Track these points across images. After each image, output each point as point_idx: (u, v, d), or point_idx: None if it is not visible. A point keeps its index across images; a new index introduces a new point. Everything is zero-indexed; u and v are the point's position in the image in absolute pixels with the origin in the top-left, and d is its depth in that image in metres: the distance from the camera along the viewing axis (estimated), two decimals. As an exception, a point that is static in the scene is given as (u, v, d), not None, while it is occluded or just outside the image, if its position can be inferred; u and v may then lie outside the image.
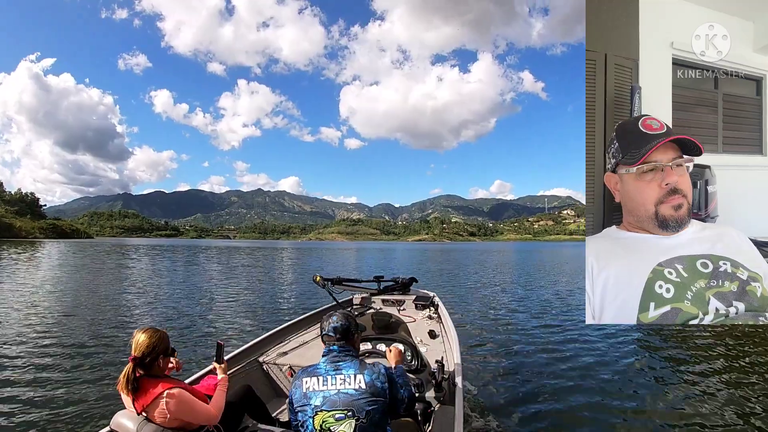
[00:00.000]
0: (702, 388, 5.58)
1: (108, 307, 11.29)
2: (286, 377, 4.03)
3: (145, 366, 2.25)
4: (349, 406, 2.11)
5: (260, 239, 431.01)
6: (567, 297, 14.51)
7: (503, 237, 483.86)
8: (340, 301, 5.98)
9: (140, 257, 37.31)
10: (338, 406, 2.11)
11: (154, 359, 2.26)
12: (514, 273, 25.41)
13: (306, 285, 16.92)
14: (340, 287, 6.10)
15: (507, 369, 6.47)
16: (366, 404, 2.12)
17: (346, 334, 2.34)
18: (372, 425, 2.13)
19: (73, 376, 5.81)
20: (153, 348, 2.25)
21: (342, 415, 2.10)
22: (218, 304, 12.21)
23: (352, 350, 2.34)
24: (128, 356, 2.24)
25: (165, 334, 2.36)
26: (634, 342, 8.02)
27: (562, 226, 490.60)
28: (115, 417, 2.31)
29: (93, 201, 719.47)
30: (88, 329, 8.59)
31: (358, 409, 2.11)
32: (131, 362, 2.22)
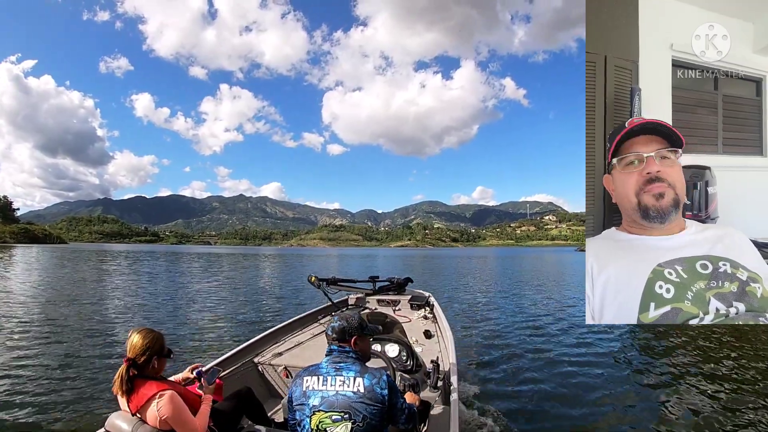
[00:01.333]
0: (702, 388, 5.59)
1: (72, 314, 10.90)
2: (281, 378, 4.00)
3: (139, 367, 2.22)
4: (346, 408, 2.10)
5: (241, 245, 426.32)
6: (564, 298, 14.64)
7: (486, 243, 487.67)
8: (335, 301, 5.95)
9: (115, 263, 35.68)
10: (336, 408, 2.11)
11: (148, 360, 2.24)
12: (502, 279, 25.12)
13: (290, 290, 16.64)
14: (335, 287, 6.08)
15: (503, 369, 6.49)
16: (363, 408, 2.11)
17: (342, 335, 2.32)
18: (368, 429, 2.11)
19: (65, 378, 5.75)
20: (147, 349, 2.23)
21: (339, 416, 2.10)
22: (202, 313, 11.90)
23: (353, 352, 2.31)
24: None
25: (160, 335, 2.33)
26: (633, 342, 8.07)
27: (544, 231, 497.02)
28: (109, 418, 2.29)
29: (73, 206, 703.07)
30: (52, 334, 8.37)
31: (355, 413, 2.10)
32: (125, 363, 2.20)
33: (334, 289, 6.03)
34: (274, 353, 4.24)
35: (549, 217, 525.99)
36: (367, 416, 2.10)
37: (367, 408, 2.11)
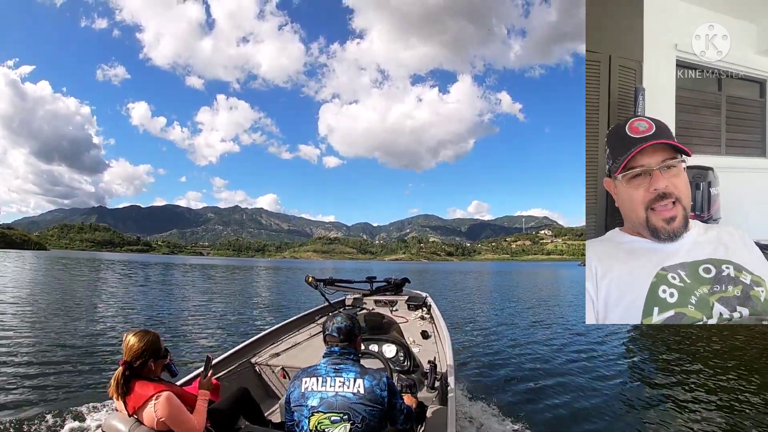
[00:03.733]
0: (704, 390, 5.62)
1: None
2: (278, 378, 3.99)
3: (136, 369, 2.20)
4: (345, 409, 2.09)
5: (234, 257, 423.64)
6: (564, 303, 14.63)
7: (481, 257, 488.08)
8: (332, 302, 5.91)
9: (81, 270, 34.57)
10: (335, 409, 2.10)
11: (144, 362, 2.22)
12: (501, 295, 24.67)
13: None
14: (332, 288, 6.05)
15: (501, 369, 6.56)
16: (363, 410, 2.10)
17: (350, 336, 2.30)
18: (367, 431, 2.10)
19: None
20: (142, 351, 2.21)
21: (338, 418, 2.09)
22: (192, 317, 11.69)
23: (354, 353, 2.31)
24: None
25: (156, 337, 2.30)
26: (635, 345, 8.10)
27: (540, 246, 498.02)
28: (106, 419, 2.27)
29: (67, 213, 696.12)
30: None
31: (354, 414, 2.09)
32: (121, 366, 2.17)
33: (331, 289, 6.00)
34: (272, 354, 4.22)
35: (545, 232, 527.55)
36: (366, 417, 2.10)
37: (367, 409, 2.10)
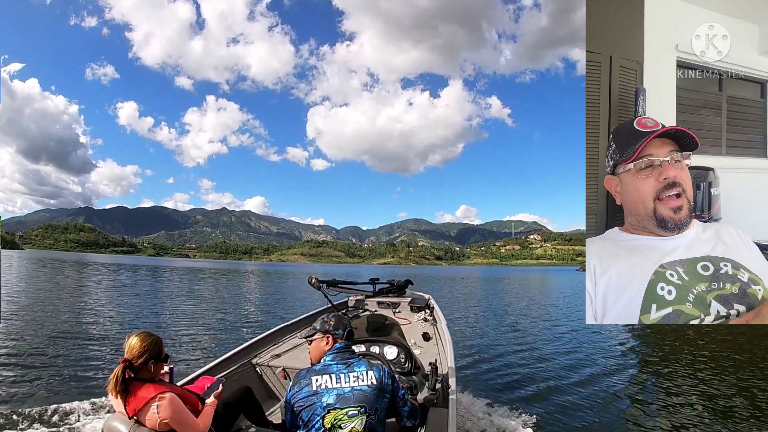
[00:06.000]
0: (702, 388, 5.63)
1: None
2: (279, 379, 4.01)
3: (135, 369, 2.21)
4: (362, 402, 2.16)
5: (221, 259, 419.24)
6: (563, 305, 14.66)
7: (470, 261, 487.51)
8: (334, 303, 5.85)
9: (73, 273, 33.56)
10: (351, 403, 2.15)
11: (144, 363, 2.23)
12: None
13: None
14: (335, 289, 6.00)
15: (501, 371, 6.57)
16: (376, 401, 2.20)
17: (351, 337, 2.46)
18: (378, 422, 2.20)
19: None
20: (144, 352, 2.22)
21: (355, 411, 2.15)
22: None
23: (352, 347, 2.46)
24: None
25: (158, 339, 2.33)
26: (634, 343, 8.14)
27: (529, 250, 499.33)
28: (106, 420, 2.29)
29: (54, 213, 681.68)
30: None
31: (370, 406, 2.17)
32: (122, 364, 2.18)
33: (333, 291, 5.94)
34: (273, 354, 4.24)
35: (534, 237, 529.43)
36: (379, 408, 2.19)
37: (379, 400, 2.20)
